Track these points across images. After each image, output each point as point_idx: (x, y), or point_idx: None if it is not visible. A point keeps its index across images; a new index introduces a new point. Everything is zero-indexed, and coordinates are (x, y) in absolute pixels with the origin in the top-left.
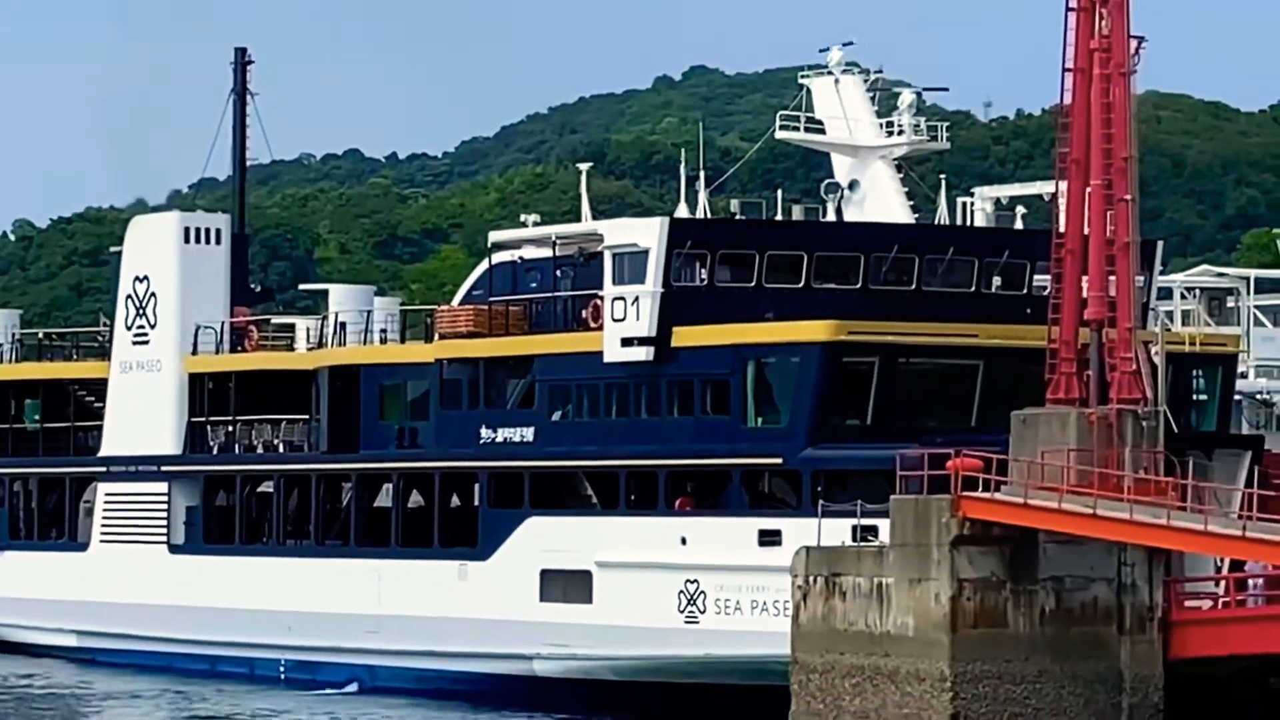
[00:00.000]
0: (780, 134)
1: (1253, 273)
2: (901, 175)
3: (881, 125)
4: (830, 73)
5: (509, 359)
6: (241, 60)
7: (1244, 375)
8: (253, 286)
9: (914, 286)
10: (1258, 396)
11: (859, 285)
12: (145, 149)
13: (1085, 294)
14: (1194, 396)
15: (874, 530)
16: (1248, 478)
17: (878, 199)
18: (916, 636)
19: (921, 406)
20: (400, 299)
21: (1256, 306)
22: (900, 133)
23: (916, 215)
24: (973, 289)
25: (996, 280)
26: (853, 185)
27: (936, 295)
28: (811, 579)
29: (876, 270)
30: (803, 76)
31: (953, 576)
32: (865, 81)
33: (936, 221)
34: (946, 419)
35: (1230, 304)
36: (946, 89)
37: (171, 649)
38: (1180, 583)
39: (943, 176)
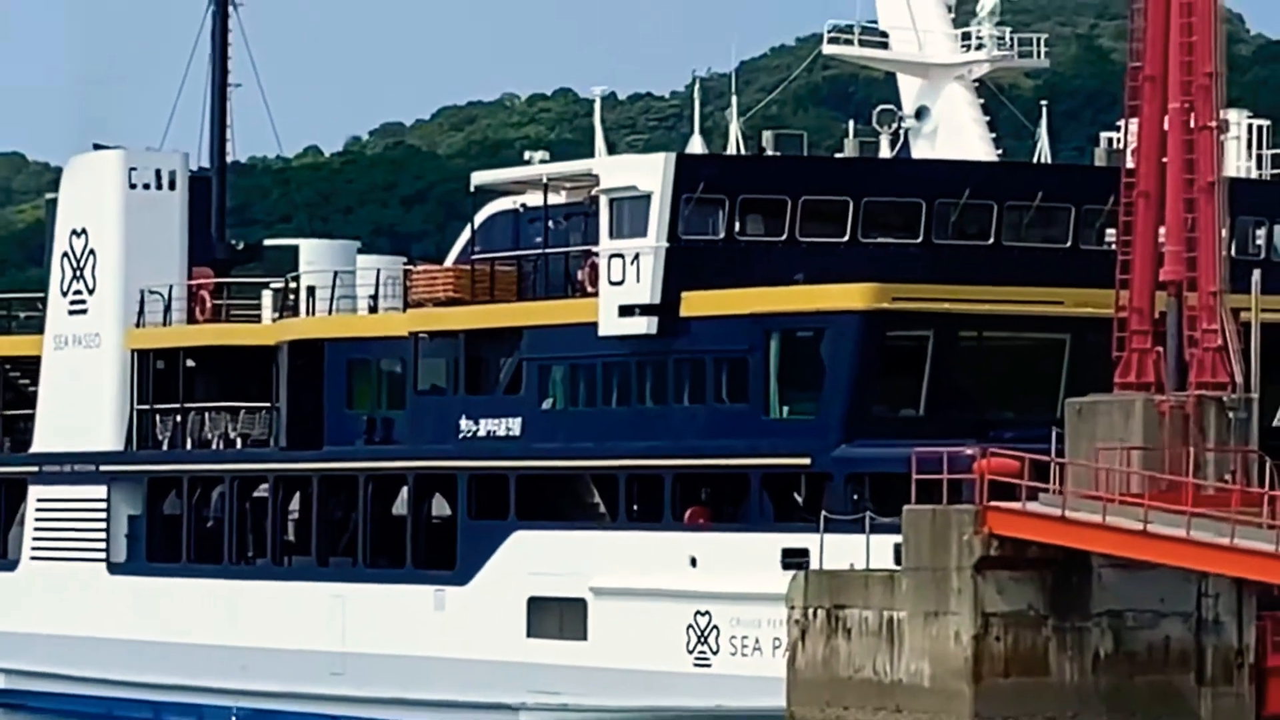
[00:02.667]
0: (829, 49)
1: None
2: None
3: (958, 38)
4: None
5: (493, 332)
6: None
7: None
8: (232, 243)
9: (991, 241)
10: None
11: (920, 239)
12: (112, 104)
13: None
14: None
15: None
16: None
17: (952, 131)
18: (933, 687)
19: (991, 393)
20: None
21: None
22: (979, 46)
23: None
24: (1068, 244)
25: (1104, 234)
26: (920, 113)
27: (1020, 252)
28: (810, 612)
29: (943, 220)
30: None
31: (976, 609)
32: None
33: (1036, 159)
34: (1024, 408)
35: None
36: None
37: (110, 693)
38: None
39: (1043, 103)
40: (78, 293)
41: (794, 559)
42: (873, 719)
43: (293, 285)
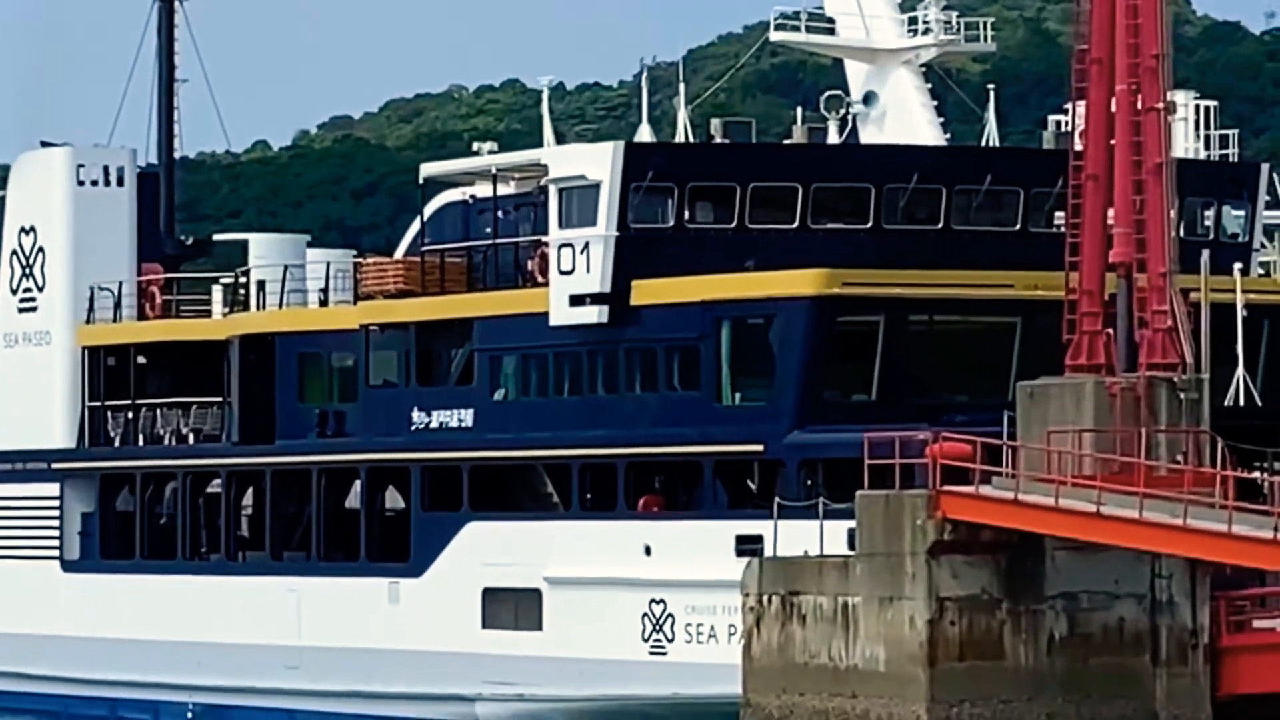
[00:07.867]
0: (776, 35)
1: None
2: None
3: (905, 23)
4: None
5: (444, 324)
6: None
7: None
8: (181, 238)
9: (941, 225)
10: None
11: (869, 225)
12: (58, 101)
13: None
14: None
15: None
16: None
17: (900, 116)
18: (888, 671)
19: (943, 377)
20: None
21: None
22: (926, 31)
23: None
24: (1018, 227)
25: (1053, 216)
26: (868, 99)
27: (970, 236)
28: (765, 599)
29: (891, 205)
30: None
31: (931, 594)
32: None
33: (984, 143)
34: (975, 392)
35: None
36: None
37: (66, 691)
38: (1233, 599)
39: (991, 87)
40: (27, 290)
41: (748, 546)
42: (829, 705)
43: (243, 280)
